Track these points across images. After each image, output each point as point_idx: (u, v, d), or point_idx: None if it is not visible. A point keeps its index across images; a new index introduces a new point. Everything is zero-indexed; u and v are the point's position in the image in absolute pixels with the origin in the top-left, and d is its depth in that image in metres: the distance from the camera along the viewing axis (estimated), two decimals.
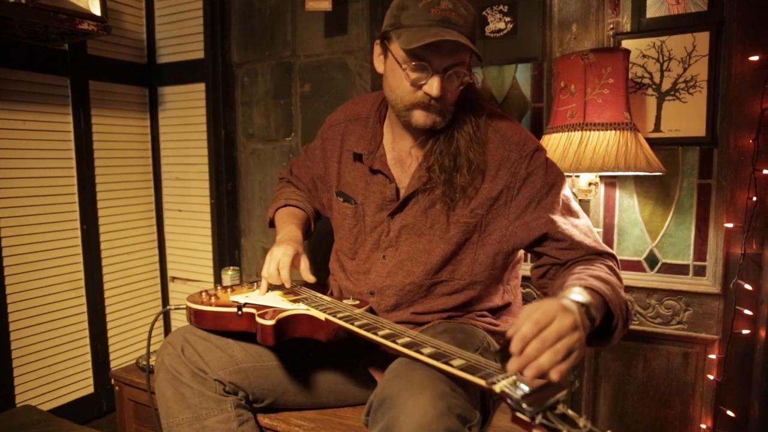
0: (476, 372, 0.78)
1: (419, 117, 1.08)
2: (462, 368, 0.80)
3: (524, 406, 0.68)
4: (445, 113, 1.09)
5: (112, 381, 1.54)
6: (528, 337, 0.72)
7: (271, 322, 1.04)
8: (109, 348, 2.15)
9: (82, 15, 1.53)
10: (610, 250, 1.11)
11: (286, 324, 1.06)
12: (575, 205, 1.14)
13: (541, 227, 1.08)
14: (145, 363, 1.60)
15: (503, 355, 0.74)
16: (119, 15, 2.15)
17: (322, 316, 1.05)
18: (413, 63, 1.02)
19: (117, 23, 2.12)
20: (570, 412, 0.68)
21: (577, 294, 0.85)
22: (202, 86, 2.20)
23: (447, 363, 0.81)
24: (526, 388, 0.71)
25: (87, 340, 2.07)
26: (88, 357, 2.07)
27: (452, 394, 0.84)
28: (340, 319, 1.02)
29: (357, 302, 1.16)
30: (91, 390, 2.08)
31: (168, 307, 1.34)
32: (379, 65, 1.14)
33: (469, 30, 1.02)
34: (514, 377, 0.75)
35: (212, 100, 2.19)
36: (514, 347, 0.72)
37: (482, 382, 0.75)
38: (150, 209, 2.34)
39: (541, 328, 0.73)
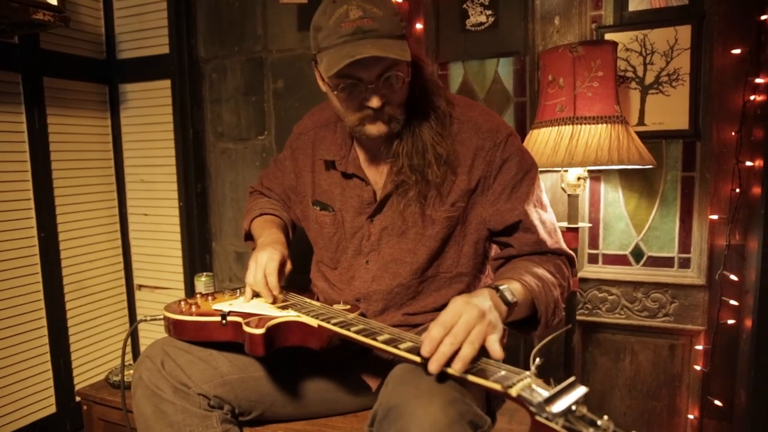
0: (489, 376, 0.74)
1: (371, 130, 1.04)
2: (472, 372, 0.76)
3: (548, 409, 0.65)
4: (396, 117, 1.05)
5: (77, 399, 1.44)
6: (437, 339, 0.76)
7: (261, 331, 0.97)
8: (72, 364, 2.01)
9: (36, 4, 1.41)
10: (567, 251, 1.13)
11: (276, 332, 1.00)
12: (545, 198, 1.15)
13: (515, 217, 1.08)
14: (116, 379, 1.51)
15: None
16: (75, 7, 2.01)
17: (314, 322, 0.99)
18: (342, 85, 0.99)
19: (72, 16, 1.98)
20: (588, 413, 0.66)
21: (498, 283, 0.93)
22: (167, 83, 2.09)
23: None
24: (544, 392, 0.69)
25: (48, 356, 1.93)
26: (50, 374, 1.93)
27: (462, 400, 0.80)
28: (334, 325, 0.96)
29: (348, 307, 1.11)
30: (53, 410, 1.94)
31: (144, 317, 1.24)
32: (322, 86, 1.10)
33: (390, 27, 0.96)
34: (528, 380, 0.73)
35: (179, 98, 2.08)
36: (424, 350, 0.76)
37: (497, 387, 0.72)
38: (113, 214, 2.21)
39: (449, 328, 0.77)
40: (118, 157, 2.21)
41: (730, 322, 1.47)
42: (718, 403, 1.51)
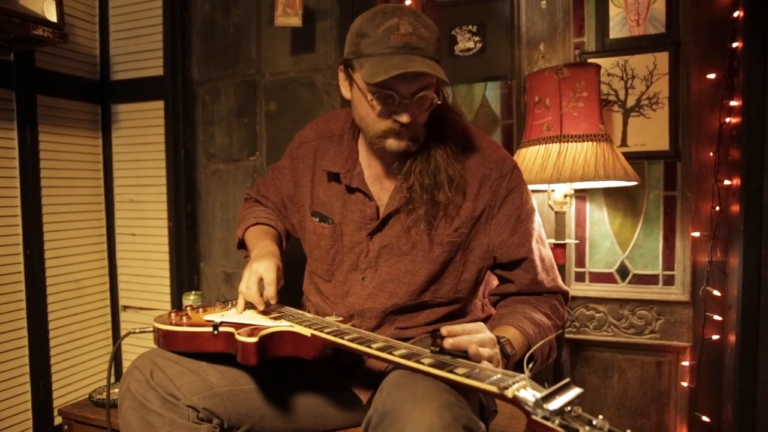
0: (484, 379, 0.75)
1: (392, 144, 1.06)
2: (468, 376, 0.77)
3: (544, 407, 0.66)
4: (418, 136, 1.07)
5: (56, 418, 1.40)
6: (457, 333, 0.86)
7: (254, 340, 0.96)
8: (52, 385, 1.95)
9: (36, 20, 1.43)
10: (563, 287, 1.18)
11: (269, 341, 0.99)
12: (543, 233, 1.18)
13: (521, 254, 1.11)
14: (99, 397, 1.47)
15: (434, 341, 0.86)
16: (71, 28, 2.04)
17: (307, 332, 0.99)
18: (379, 93, 1.00)
19: (68, 36, 2.01)
20: (584, 413, 0.67)
21: (500, 331, 0.99)
22: (160, 104, 2.11)
23: (451, 371, 0.78)
24: (537, 393, 0.70)
25: (27, 377, 1.87)
26: (28, 396, 1.87)
27: (457, 404, 0.80)
28: (327, 334, 0.97)
29: (341, 318, 1.11)
30: None
31: (133, 330, 1.22)
32: (345, 91, 1.11)
33: (433, 50, 1.00)
34: (524, 382, 0.74)
35: (172, 119, 2.10)
36: (443, 330, 0.86)
37: (493, 388, 0.73)
38: (101, 233, 2.19)
39: (468, 333, 0.87)
40: (108, 176, 2.21)
41: (715, 337, 1.50)
42: (705, 419, 1.52)
